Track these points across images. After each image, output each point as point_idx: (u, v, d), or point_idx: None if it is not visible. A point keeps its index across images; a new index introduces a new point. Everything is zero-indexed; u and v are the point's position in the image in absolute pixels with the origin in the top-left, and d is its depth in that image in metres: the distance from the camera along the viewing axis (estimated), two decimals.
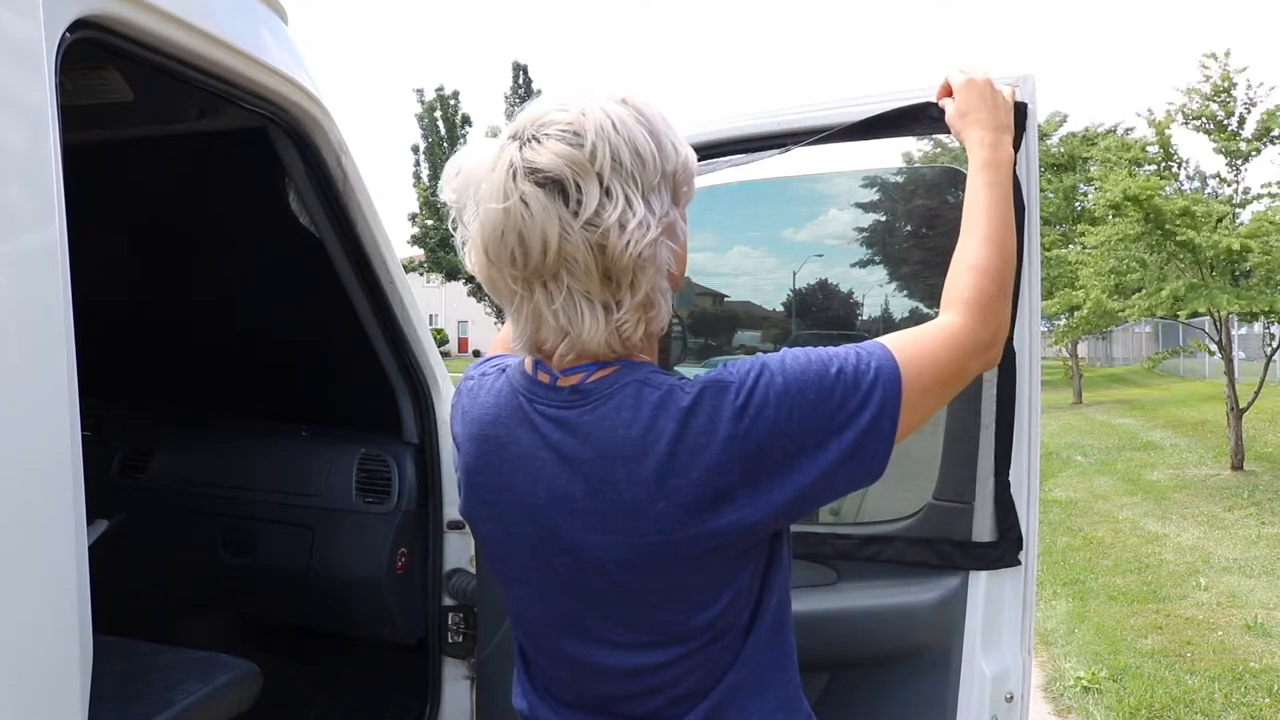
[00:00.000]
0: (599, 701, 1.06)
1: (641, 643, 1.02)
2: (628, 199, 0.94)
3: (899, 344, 1.01)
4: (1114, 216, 9.44)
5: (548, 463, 1.00)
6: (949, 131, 1.34)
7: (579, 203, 0.92)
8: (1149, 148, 10.01)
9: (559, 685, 1.10)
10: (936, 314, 1.13)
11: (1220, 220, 8.92)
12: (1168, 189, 9.39)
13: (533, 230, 0.93)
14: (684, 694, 1.02)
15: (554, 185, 0.93)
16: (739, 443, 0.93)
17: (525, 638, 1.12)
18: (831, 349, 0.99)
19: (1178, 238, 8.56)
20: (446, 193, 1.02)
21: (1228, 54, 8.97)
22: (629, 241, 0.93)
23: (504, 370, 1.10)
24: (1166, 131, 9.60)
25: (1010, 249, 1.15)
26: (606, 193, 0.93)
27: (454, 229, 1.03)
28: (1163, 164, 9.89)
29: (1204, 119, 9.24)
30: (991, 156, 1.20)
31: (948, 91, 1.33)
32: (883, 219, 2.27)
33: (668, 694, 1.02)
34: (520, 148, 0.95)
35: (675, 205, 1.00)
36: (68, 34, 1.10)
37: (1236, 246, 8.28)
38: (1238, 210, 9.48)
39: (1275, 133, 9.02)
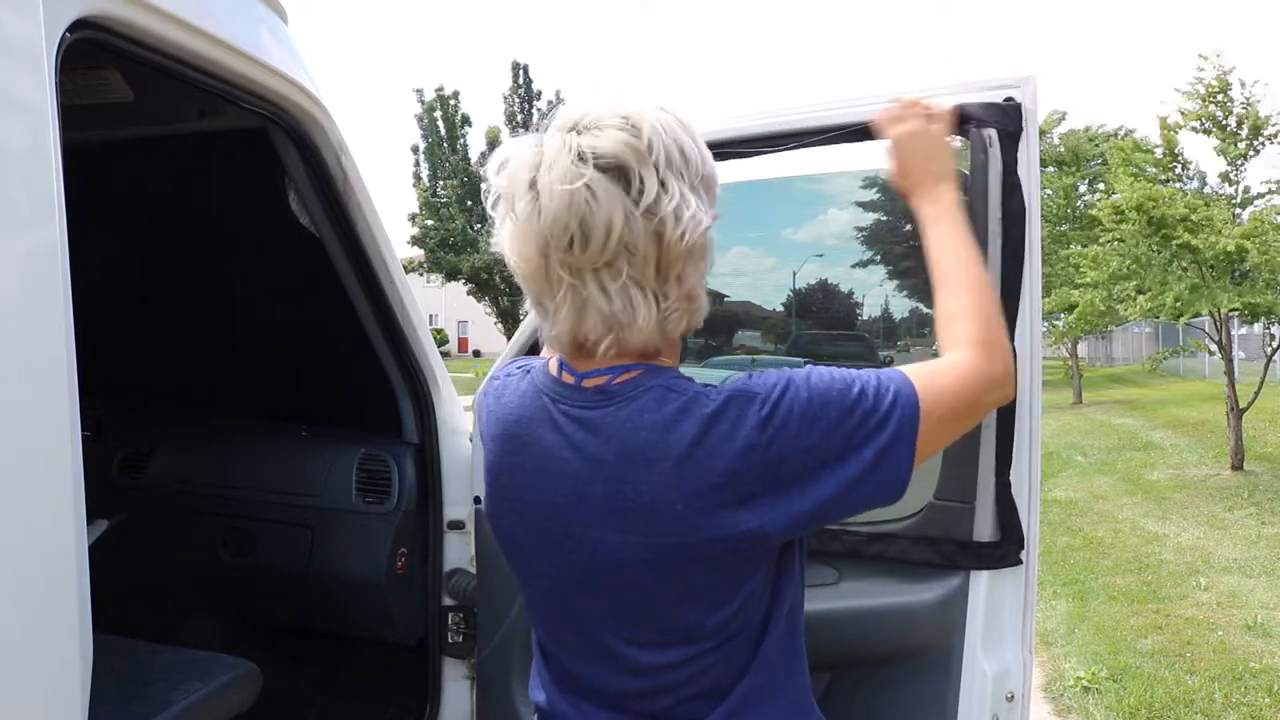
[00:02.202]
0: (614, 697, 1.08)
1: (654, 641, 1.03)
2: (681, 192, 0.97)
3: (916, 373, 1.03)
4: (1119, 222, 9.43)
5: (569, 462, 1.02)
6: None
7: (640, 191, 0.95)
8: (1156, 150, 9.99)
9: (576, 679, 1.11)
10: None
11: (1224, 222, 8.91)
12: (1173, 191, 9.37)
13: (598, 216, 0.94)
14: (696, 694, 1.04)
15: (617, 171, 0.95)
16: (760, 452, 0.95)
17: (544, 632, 1.14)
18: (854, 371, 1.02)
19: (1177, 241, 8.57)
20: (494, 181, 1.01)
21: (1219, 54, 8.97)
22: (684, 231, 0.96)
23: (528, 371, 1.12)
24: (1176, 134, 9.59)
25: (987, 284, 1.17)
26: (663, 185, 0.96)
27: (493, 220, 1.03)
28: (1168, 166, 9.87)
29: (1204, 120, 9.23)
30: (936, 211, 1.23)
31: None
32: (883, 219, 2.27)
33: (679, 693, 1.04)
34: (579, 135, 0.96)
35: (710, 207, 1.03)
36: (68, 34, 1.10)
37: (1232, 248, 8.28)
38: (1239, 211, 9.47)
39: (1268, 132, 9.02)
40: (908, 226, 2.35)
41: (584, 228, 0.94)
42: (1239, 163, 9.33)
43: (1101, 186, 15.88)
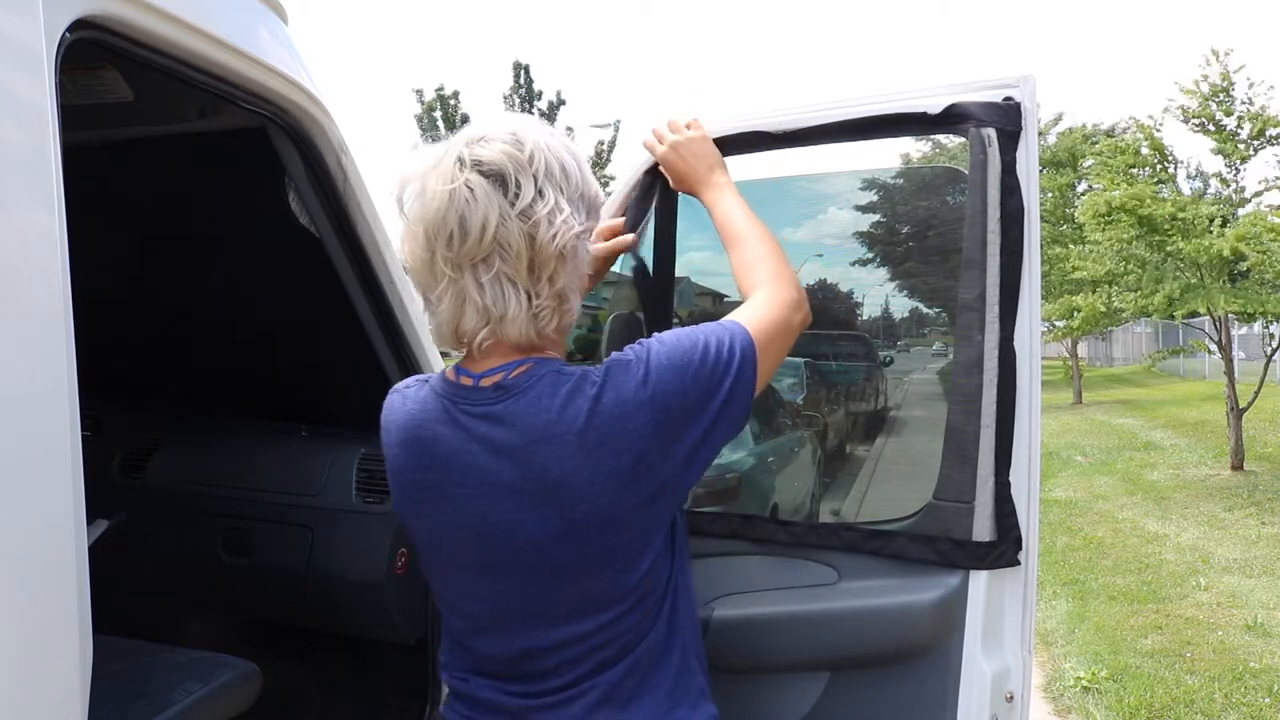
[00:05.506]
0: (527, 676, 1.15)
1: (575, 611, 1.12)
2: (556, 200, 1.09)
3: (742, 315, 1.21)
4: (1104, 225, 9.39)
5: (476, 455, 1.10)
6: (942, 132, 1.41)
7: (517, 195, 1.06)
8: (1141, 149, 9.91)
9: (489, 662, 1.18)
10: (936, 313, 1.19)
11: (1223, 222, 8.87)
12: (1164, 191, 9.34)
13: (474, 214, 1.06)
14: (606, 659, 1.12)
15: (497, 177, 1.07)
16: (647, 407, 1.08)
17: (460, 620, 1.20)
18: (693, 327, 1.17)
19: (1168, 247, 8.56)
20: (394, 192, 1.14)
21: (1228, 53, 8.94)
22: (555, 234, 1.07)
23: (426, 381, 1.21)
24: (1156, 133, 9.54)
25: (769, 236, 1.35)
26: (539, 192, 1.07)
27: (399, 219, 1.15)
28: (1158, 166, 9.81)
29: (1203, 119, 9.19)
30: (716, 193, 1.42)
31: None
32: (882, 219, 2.27)
33: (593, 659, 1.12)
34: (467, 145, 1.09)
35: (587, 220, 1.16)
36: (68, 34, 1.10)
37: (1227, 253, 8.26)
38: (1236, 211, 9.43)
39: (1271, 133, 8.99)
40: (907, 227, 2.36)
41: (463, 224, 1.06)
42: (1239, 164, 9.29)
43: (1097, 186, 15.88)
